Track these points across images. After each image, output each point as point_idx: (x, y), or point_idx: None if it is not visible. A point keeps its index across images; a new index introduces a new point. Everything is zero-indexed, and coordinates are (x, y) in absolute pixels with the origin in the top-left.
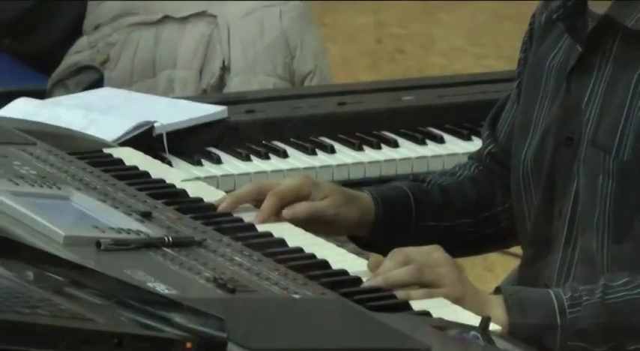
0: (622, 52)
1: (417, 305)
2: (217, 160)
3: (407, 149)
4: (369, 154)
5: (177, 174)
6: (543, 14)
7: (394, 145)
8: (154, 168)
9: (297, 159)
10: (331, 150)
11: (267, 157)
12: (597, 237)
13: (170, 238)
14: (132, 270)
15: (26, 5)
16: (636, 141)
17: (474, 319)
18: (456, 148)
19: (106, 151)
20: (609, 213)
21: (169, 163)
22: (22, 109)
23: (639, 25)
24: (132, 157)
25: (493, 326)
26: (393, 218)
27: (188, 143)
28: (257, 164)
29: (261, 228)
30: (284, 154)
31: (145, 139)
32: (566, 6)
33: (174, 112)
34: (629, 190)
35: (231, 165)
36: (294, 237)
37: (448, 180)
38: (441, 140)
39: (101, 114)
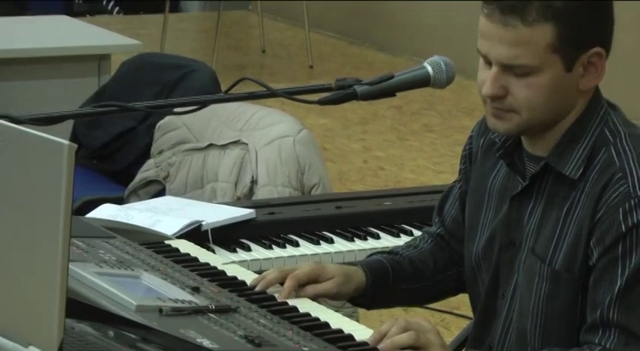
0: (553, 189)
1: None
2: (248, 249)
3: (386, 241)
4: (358, 244)
5: (219, 259)
6: (482, 138)
7: (377, 237)
8: (202, 254)
9: (306, 248)
10: (331, 241)
11: (284, 247)
12: (531, 321)
13: (213, 306)
14: (185, 330)
15: (110, 137)
16: (565, 256)
17: None
18: None
19: (167, 242)
20: (541, 306)
21: (213, 251)
22: (106, 212)
23: (570, 173)
24: (185, 246)
25: None
26: (378, 285)
27: (226, 236)
28: (277, 251)
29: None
30: (296, 244)
31: (195, 233)
32: (505, 146)
33: (216, 214)
34: (558, 290)
35: (258, 252)
36: (304, 305)
37: (413, 252)
38: (410, 233)
39: (163, 215)
